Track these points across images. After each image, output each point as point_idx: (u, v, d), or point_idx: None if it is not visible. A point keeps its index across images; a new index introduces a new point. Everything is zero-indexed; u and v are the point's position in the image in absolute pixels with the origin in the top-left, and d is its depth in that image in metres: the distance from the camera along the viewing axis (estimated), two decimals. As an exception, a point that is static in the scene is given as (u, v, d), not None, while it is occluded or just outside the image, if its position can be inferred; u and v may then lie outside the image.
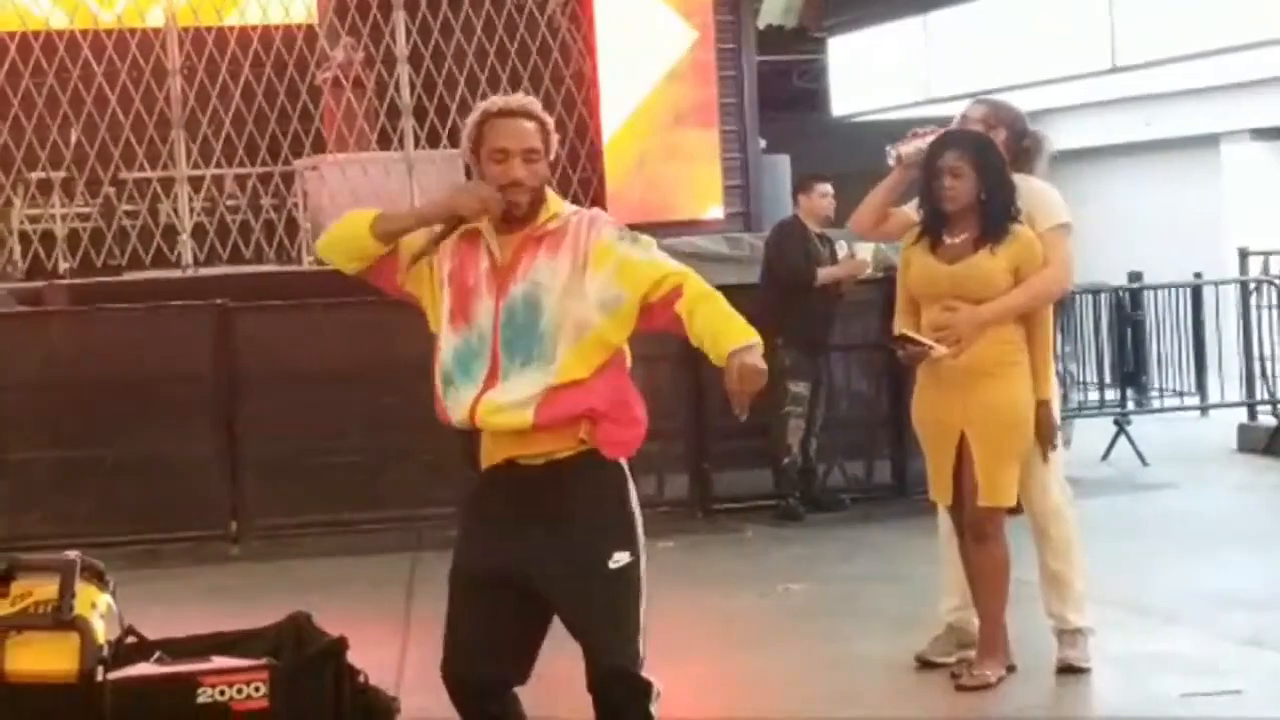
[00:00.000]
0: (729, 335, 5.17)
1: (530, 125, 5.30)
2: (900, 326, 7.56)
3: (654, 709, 5.22)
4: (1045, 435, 7.46)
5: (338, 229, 5.39)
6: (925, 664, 7.76)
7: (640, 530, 5.28)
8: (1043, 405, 7.44)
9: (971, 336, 7.32)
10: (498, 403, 5.18)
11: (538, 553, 5.19)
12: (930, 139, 7.58)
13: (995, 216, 7.39)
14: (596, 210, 5.42)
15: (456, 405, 5.23)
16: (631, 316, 5.23)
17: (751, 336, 5.18)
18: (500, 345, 5.21)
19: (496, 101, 5.36)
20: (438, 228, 5.26)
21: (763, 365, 5.13)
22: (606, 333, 5.21)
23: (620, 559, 5.20)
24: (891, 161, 7.72)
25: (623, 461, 5.33)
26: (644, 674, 5.20)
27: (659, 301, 5.23)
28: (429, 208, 5.48)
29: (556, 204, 5.34)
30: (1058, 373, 7.86)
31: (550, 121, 5.37)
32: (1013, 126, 7.78)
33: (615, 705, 5.21)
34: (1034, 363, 7.44)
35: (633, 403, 5.36)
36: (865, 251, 12.32)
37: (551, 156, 5.35)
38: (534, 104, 5.37)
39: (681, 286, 5.22)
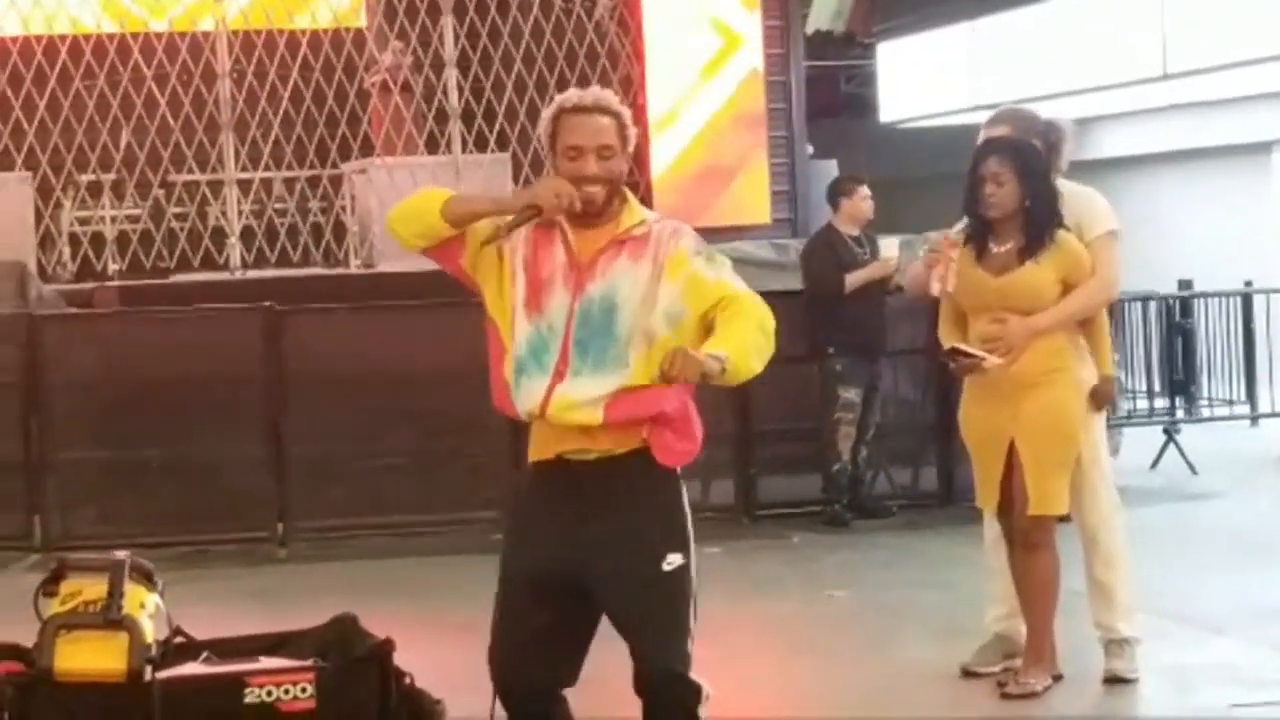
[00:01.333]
0: (718, 341, 5.09)
1: (606, 121, 5.23)
2: (946, 338, 7.54)
3: (703, 712, 5.18)
4: (1101, 403, 7.50)
5: (409, 205, 5.31)
6: (970, 674, 7.73)
7: (691, 534, 5.25)
8: (1106, 380, 7.48)
9: (1023, 347, 7.30)
10: (570, 399, 5.13)
11: (590, 551, 5.16)
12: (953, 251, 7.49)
13: (1040, 223, 7.36)
14: (680, 223, 5.33)
15: (528, 395, 5.17)
16: (692, 332, 5.17)
17: (730, 351, 5.05)
18: (572, 342, 5.17)
19: (571, 97, 5.29)
20: (508, 217, 5.20)
21: (705, 366, 4.96)
22: (670, 345, 5.11)
23: (674, 560, 5.16)
24: (935, 291, 7.52)
25: (676, 469, 5.29)
26: (693, 676, 5.16)
27: (714, 320, 5.18)
28: (506, 197, 5.46)
29: (642, 210, 5.30)
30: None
31: (627, 114, 5.29)
32: (1044, 136, 7.72)
33: (664, 707, 5.18)
34: (1094, 344, 7.45)
35: (694, 418, 5.34)
36: (892, 249, 12.31)
37: (630, 149, 5.29)
38: (609, 99, 5.30)
39: (732, 301, 5.17)
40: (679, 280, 5.17)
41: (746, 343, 5.11)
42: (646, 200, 14.90)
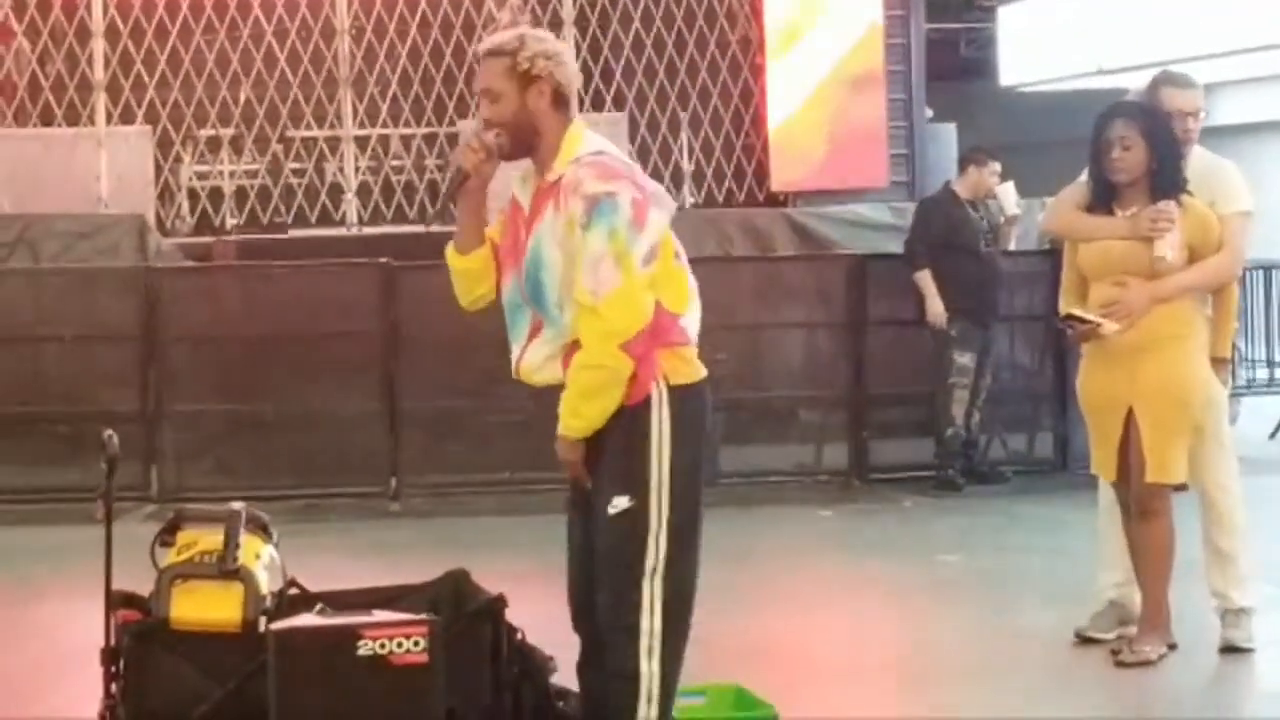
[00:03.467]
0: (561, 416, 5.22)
1: (493, 63, 5.23)
2: (1066, 307, 7.48)
3: (644, 707, 5.22)
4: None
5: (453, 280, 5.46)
6: (1085, 639, 7.68)
7: (654, 473, 5.20)
8: (1218, 363, 7.43)
9: (1141, 312, 7.22)
10: (532, 362, 5.32)
11: (581, 495, 5.36)
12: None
13: (1165, 188, 7.28)
14: (581, 169, 5.18)
15: (513, 362, 5.39)
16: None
17: (563, 425, 5.22)
18: (530, 306, 5.28)
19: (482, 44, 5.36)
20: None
21: (564, 455, 5.26)
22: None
23: (619, 504, 5.20)
24: (1169, 256, 7.26)
25: (654, 394, 5.21)
26: (640, 620, 5.19)
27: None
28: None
29: (574, 149, 5.24)
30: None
31: (527, 51, 5.20)
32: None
33: (600, 663, 5.30)
34: (1216, 320, 7.40)
35: (646, 343, 5.18)
36: (1010, 194, 12.26)
37: (536, 86, 5.20)
38: (500, 40, 5.26)
39: (576, 347, 5.18)
40: (569, 246, 5.16)
41: (569, 403, 5.19)
42: (764, 163, 14.90)
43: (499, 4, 15.42)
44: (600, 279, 5.07)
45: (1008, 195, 12.36)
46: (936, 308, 12.04)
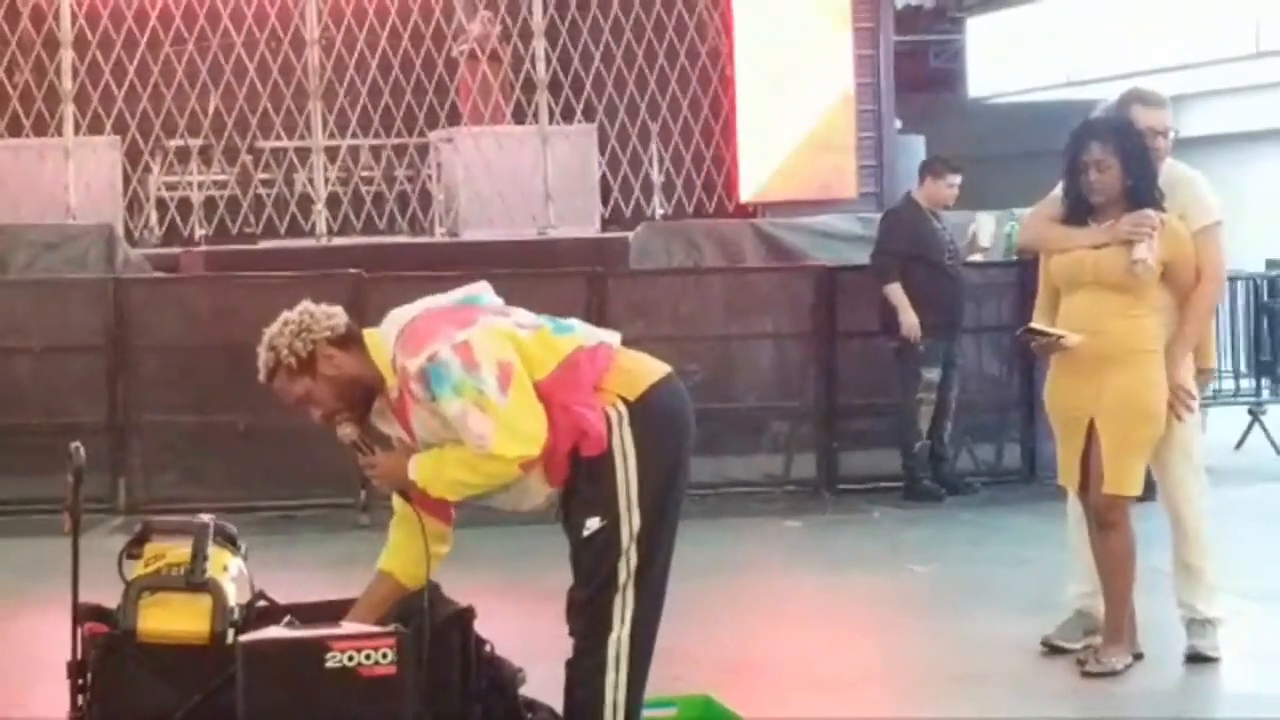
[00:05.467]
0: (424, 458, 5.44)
1: (281, 383, 5.53)
2: (1037, 320, 7.53)
3: (611, 671, 5.36)
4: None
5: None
6: (1052, 649, 7.71)
7: (623, 495, 5.36)
8: (1203, 373, 7.64)
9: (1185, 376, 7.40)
10: (516, 502, 5.62)
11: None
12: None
13: (1141, 203, 7.31)
14: (400, 362, 5.41)
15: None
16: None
17: (422, 479, 5.42)
18: None
19: None
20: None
21: (398, 475, 5.48)
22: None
23: (592, 525, 5.38)
24: (1149, 260, 7.27)
25: (613, 417, 5.39)
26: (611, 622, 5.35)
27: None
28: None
29: (384, 361, 5.47)
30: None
31: (286, 347, 5.49)
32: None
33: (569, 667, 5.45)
34: (1201, 337, 7.58)
35: (583, 424, 5.38)
36: (987, 225, 12.26)
37: (326, 356, 5.48)
38: (263, 362, 5.56)
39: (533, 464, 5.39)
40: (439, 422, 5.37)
41: (446, 468, 5.40)
42: (733, 173, 14.93)
43: (470, 15, 15.43)
44: (477, 432, 5.27)
45: (985, 228, 12.34)
46: (911, 319, 12.01)
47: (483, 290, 5.67)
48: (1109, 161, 7.31)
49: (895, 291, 12.05)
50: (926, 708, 7.12)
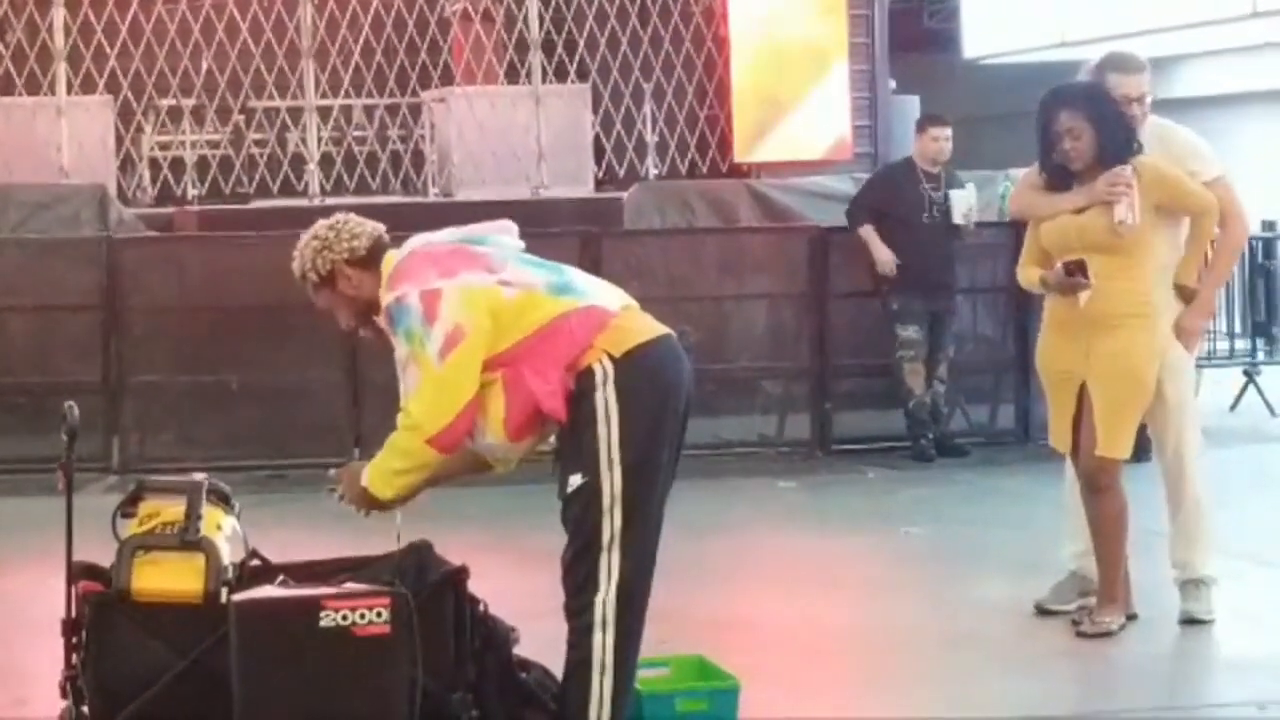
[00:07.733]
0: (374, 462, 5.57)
1: (309, 291, 5.87)
2: (1026, 280, 7.50)
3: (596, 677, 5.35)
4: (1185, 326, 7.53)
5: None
6: (1045, 611, 7.71)
7: (604, 451, 5.37)
8: (1183, 289, 7.49)
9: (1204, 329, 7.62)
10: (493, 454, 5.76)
11: None
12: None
13: (1118, 159, 7.28)
14: (387, 300, 5.55)
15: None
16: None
17: (370, 478, 5.58)
18: None
19: None
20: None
21: (357, 490, 5.62)
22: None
23: (574, 482, 5.42)
24: (1128, 220, 7.24)
25: (598, 372, 5.41)
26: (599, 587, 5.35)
27: None
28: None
29: (384, 293, 5.60)
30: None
31: (308, 263, 5.84)
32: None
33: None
34: (1188, 252, 7.50)
35: (540, 384, 5.43)
36: (962, 202, 12.20)
37: (344, 274, 5.74)
38: (294, 269, 5.89)
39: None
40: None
41: (387, 472, 5.57)
42: (727, 134, 14.89)
43: (462, -26, 15.36)
44: (408, 380, 5.44)
45: (958, 205, 12.24)
46: (884, 255, 12.10)
47: (496, 230, 5.72)
48: (1080, 128, 7.29)
49: (867, 232, 12.18)
50: (919, 668, 7.13)
